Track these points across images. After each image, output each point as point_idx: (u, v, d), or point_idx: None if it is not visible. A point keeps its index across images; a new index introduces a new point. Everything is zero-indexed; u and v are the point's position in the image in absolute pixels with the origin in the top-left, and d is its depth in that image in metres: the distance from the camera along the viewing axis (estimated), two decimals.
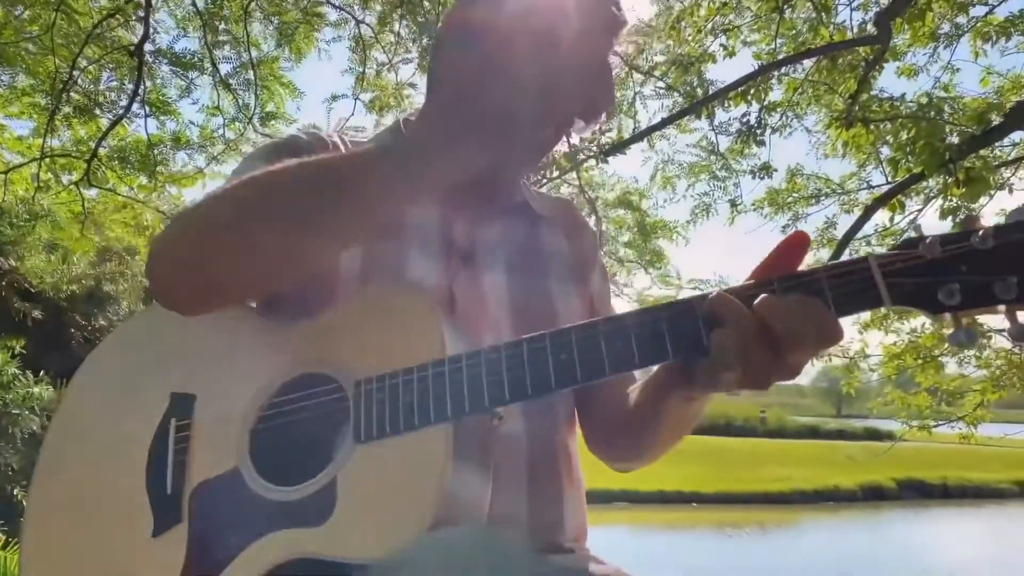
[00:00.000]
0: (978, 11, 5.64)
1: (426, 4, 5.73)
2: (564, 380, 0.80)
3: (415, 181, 0.85)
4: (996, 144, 4.84)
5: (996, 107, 4.16)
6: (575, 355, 0.80)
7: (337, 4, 5.63)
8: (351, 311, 0.96)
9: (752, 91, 4.51)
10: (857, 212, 7.25)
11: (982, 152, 4.45)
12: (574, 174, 6.09)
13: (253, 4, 5.57)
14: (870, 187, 6.83)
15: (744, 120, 4.91)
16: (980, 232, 0.69)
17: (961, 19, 5.43)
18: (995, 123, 4.02)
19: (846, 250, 4.86)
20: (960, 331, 0.71)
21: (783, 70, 4.80)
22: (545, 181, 5.39)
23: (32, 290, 5.25)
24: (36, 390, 3.77)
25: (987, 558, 17.97)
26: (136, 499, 0.93)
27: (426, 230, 1.10)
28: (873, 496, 24.73)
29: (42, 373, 4.06)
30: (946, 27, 5.59)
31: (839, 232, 7.23)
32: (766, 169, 5.42)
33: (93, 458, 1.00)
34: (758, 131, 4.98)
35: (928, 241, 0.71)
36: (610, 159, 5.11)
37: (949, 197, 4.96)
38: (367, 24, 5.78)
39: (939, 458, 26.97)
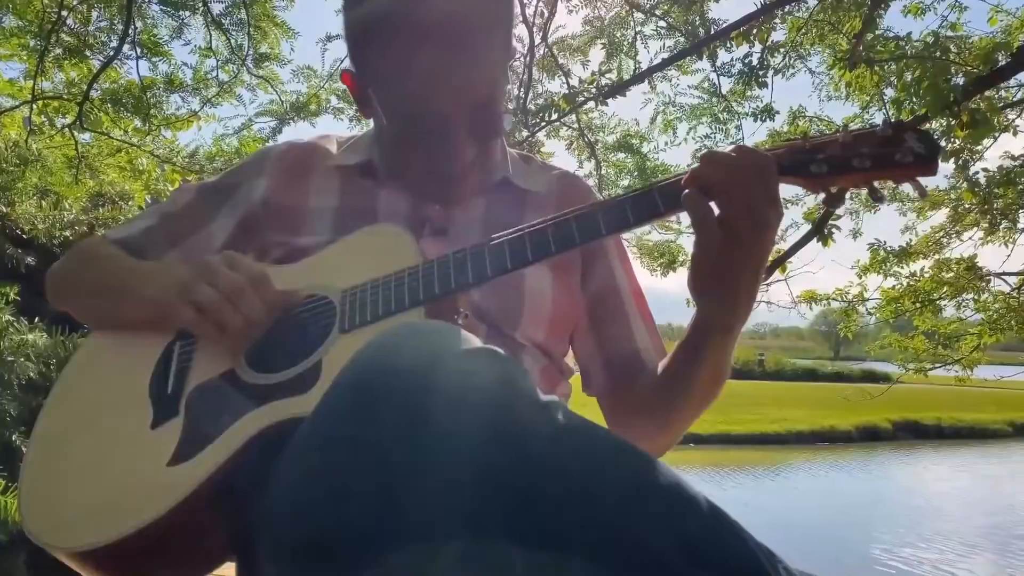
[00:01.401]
0: None
1: None
2: (539, 250, 0.95)
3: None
4: (1002, 85, 4.76)
5: (1004, 46, 4.06)
6: (553, 228, 0.96)
7: None
8: (334, 252, 1.10)
9: (755, 31, 4.42)
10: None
11: (987, 93, 4.37)
12: (574, 117, 6.01)
13: None
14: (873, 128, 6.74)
15: (746, 61, 4.82)
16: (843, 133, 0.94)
17: None
18: (1002, 63, 3.94)
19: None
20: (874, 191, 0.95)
21: (787, 8, 4.69)
22: (543, 124, 5.33)
23: (24, 236, 5.23)
24: (31, 337, 3.79)
25: (979, 495, 18.37)
26: (138, 401, 1.00)
27: (398, 215, 1.17)
28: (869, 437, 25.12)
29: (37, 320, 4.08)
30: None
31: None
32: (768, 111, 5.35)
33: (101, 380, 1.08)
34: (761, 72, 4.89)
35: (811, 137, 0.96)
36: (610, 101, 5.04)
37: (953, 138, 4.91)
38: None
39: (935, 400, 27.36)
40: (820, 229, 4.99)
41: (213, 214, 1.22)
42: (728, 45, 5.10)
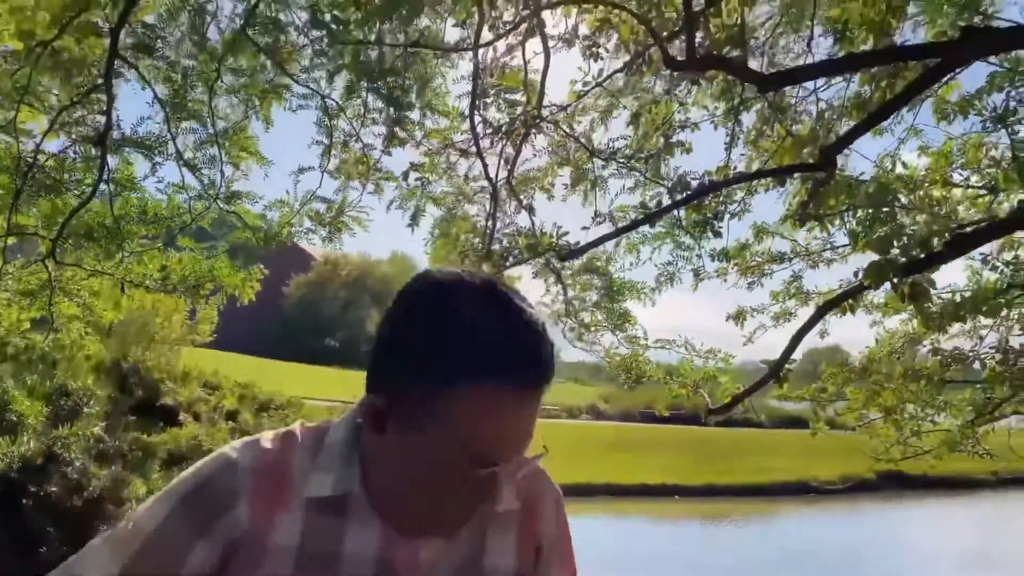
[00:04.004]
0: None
1: (389, 80, 5.73)
2: None
3: None
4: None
5: (938, 233, 4.24)
6: None
7: (301, 82, 5.62)
8: None
9: (708, 200, 4.59)
10: (823, 267, 7.39)
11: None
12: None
13: (219, 82, 5.57)
14: (833, 247, 6.96)
15: (702, 216, 4.98)
16: None
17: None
18: (937, 249, 4.11)
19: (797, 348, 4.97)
20: None
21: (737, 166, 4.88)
22: (508, 265, 5.47)
23: None
24: None
25: (965, 547, 18.38)
26: None
27: (367, 560, 1.10)
28: (853, 487, 25.16)
29: None
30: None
31: (806, 284, 7.38)
32: (725, 254, 5.51)
33: None
34: (716, 222, 5.05)
35: None
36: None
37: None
38: (332, 99, 5.78)
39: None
40: (776, 372, 5.12)
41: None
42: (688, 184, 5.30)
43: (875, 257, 4.44)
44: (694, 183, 5.06)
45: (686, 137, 5.05)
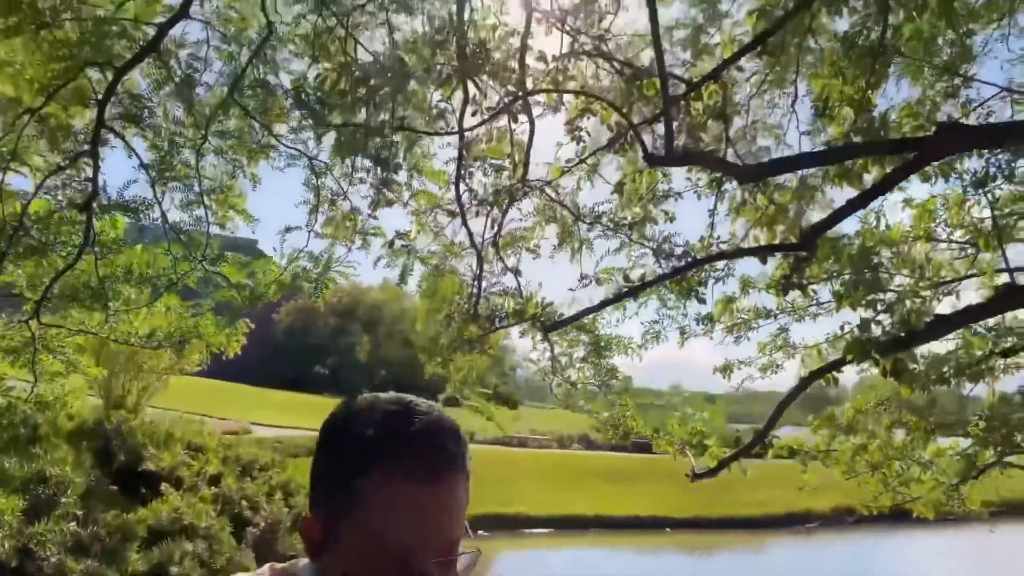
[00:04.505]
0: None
1: (377, 140, 5.76)
2: None
3: None
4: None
5: (920, 309, 4.28)
6: None
7: (288, 144, 5.64)
8: None
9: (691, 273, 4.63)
10: (808, 321, 7.43)
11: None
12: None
13: (206, 144, 5.59)
14: (819, 303, 6.99)
15: (686, 288, 5.01)
16: None
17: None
18: (919, 328, 4.14)
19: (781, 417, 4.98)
20: None
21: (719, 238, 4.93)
22: (494, 328, 5.48)
23: None
24: None
25: None
26: None
27: None
28: (844, 519, 25.03)
29: None
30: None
31: (791, 336, 7.41)
32: (709, 319, 5.54)
33: None
34: (700, 289, 5.08)
35: None
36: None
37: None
38: (319, 161, 5.80)
39: None
40: (762, 439, 5.14)
41: None
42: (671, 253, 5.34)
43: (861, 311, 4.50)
44: (678, 249, 5.10)
45: (670, 207, 5.09)
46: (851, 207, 3.96)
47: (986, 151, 5.37)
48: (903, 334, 4.05)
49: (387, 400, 1.16)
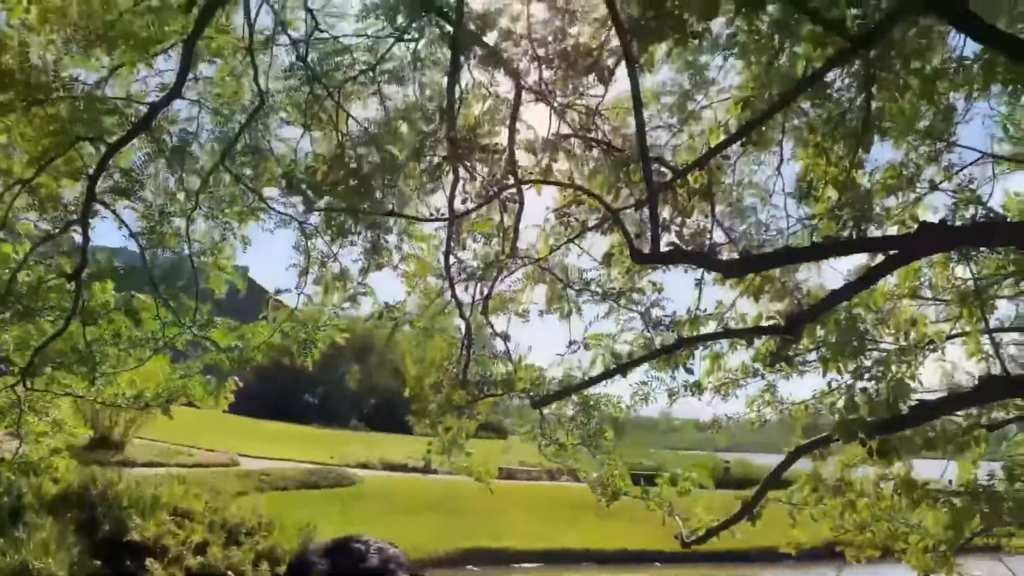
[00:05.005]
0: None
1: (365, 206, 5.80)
2: None
3: None
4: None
5: (903, 385, 4.33)
6: None
7: (279, 209, 5.68)
8: None
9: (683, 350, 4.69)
10: (795, 376, 7.47)
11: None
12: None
13: (196, 212, 5.61)
14: (806, 362, 7.04)
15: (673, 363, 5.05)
16: None
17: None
18: (903, 413, 4.18)
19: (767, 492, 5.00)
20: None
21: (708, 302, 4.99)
22: (482, 397, 5.49)
23: None
24: None
25: None
26: None
27: None
28: (836, 553, 24.89)
29: None
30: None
31: (780, 391, 7.44)
32: (697, 386, 5.57)
33: None
34: (688, 362, 5.12)
35: None
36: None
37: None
38: (309, 224, 5.83)
39: None
40: (750, 510, 5.15)
41: None
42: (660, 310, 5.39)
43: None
44: (666, 319, 5.14)
45: (657, 277, 5.13)
46: (836, 297, 4.02)
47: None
48: (888, 417, 4.09)
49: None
